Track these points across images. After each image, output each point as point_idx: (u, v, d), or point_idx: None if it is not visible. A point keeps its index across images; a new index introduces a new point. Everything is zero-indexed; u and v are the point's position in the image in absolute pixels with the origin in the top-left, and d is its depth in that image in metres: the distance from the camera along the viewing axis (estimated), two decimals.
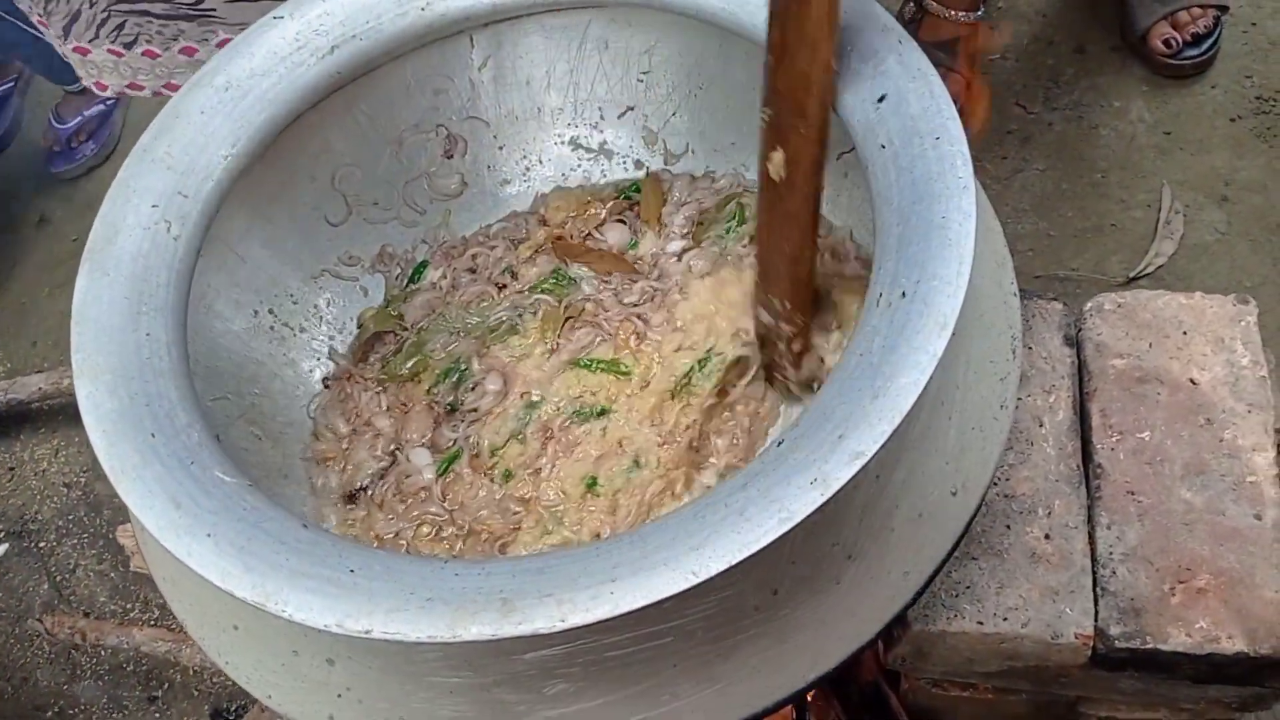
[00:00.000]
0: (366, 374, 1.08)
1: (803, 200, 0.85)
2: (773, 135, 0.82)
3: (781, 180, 0.83)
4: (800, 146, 0.82)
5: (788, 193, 0.84)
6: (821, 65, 0.78)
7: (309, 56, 0.94)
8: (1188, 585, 0.92)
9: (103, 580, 1.55)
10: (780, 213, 0.87)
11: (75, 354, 0.78)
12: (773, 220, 0.88)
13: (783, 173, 0.83)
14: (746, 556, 0.64)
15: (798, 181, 0.83)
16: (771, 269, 0.91)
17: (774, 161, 0.83)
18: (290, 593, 0.66)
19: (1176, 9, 1.66)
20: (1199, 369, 1.01)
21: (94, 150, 2.00)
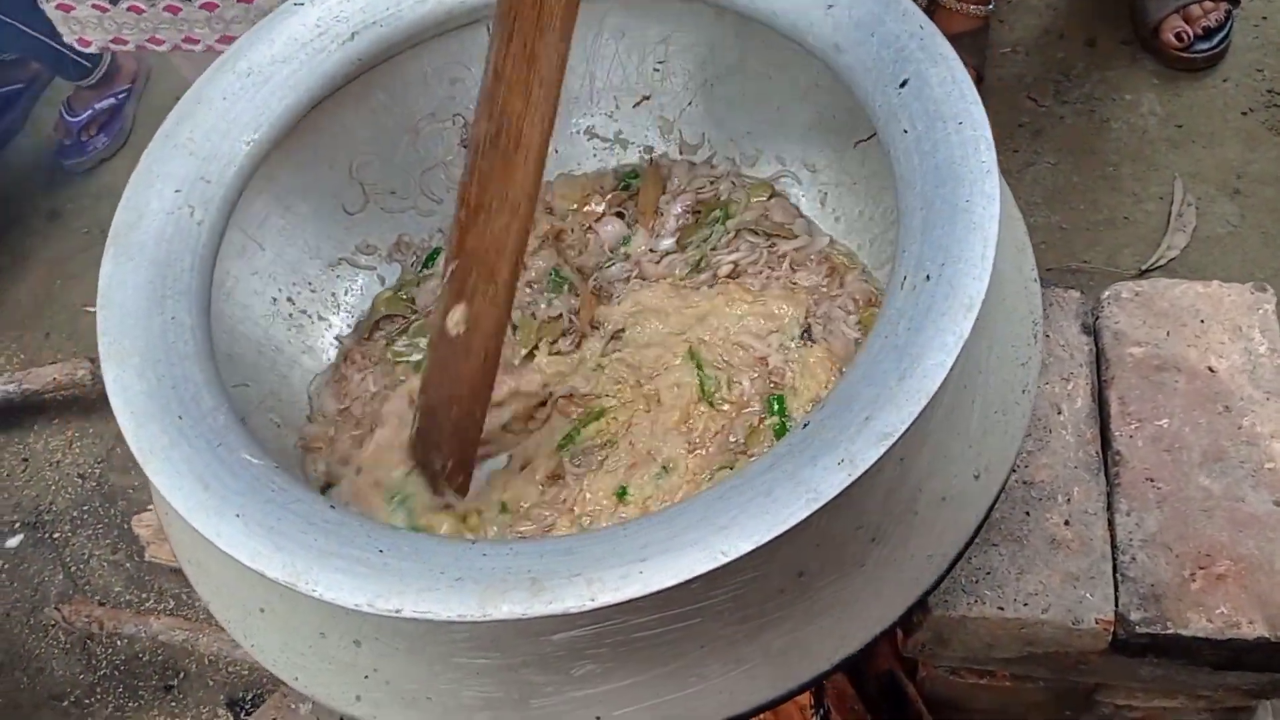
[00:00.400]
0: (370, 353, 1.08)
1: (478, 364, 0.81)
2: (455, 291, 0.78)
3: (458, 338, 0.79)
4: (484, 309, 0.78)
5: (463, 353, 0.80)
6: (519, 230, 0.76)
7: (330, 43, 0.94)
8: (1208, 571, 0.92)
9: (117, 570, 1.55)
10: (452, 373, 0.82)
11: (102, 337, 0.78)
12: (442, 380, 0.83)
13: (461, 329, 0.79)
14: (775, 536, 0.64)
15: (474, 345, 0.80)
16: (434, 427, 0.86)
17: (453, 318, 0.79)
18: (320, 572, 0.67)
19: (1188, 3, 1.66)
20: (1217, 357, 1.02)
21: (105, 143, 2.00)
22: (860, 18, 0.85)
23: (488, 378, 0.83)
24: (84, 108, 2.01)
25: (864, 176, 1.06)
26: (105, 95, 2.03)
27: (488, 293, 0.78)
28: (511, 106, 0.72)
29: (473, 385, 0.83)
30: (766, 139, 1.11)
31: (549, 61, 0.71)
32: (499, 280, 0.77)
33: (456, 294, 0.78)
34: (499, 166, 0.73)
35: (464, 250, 0.77)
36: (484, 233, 0.75)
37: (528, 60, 0.70)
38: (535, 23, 0.69)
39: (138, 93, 2.10)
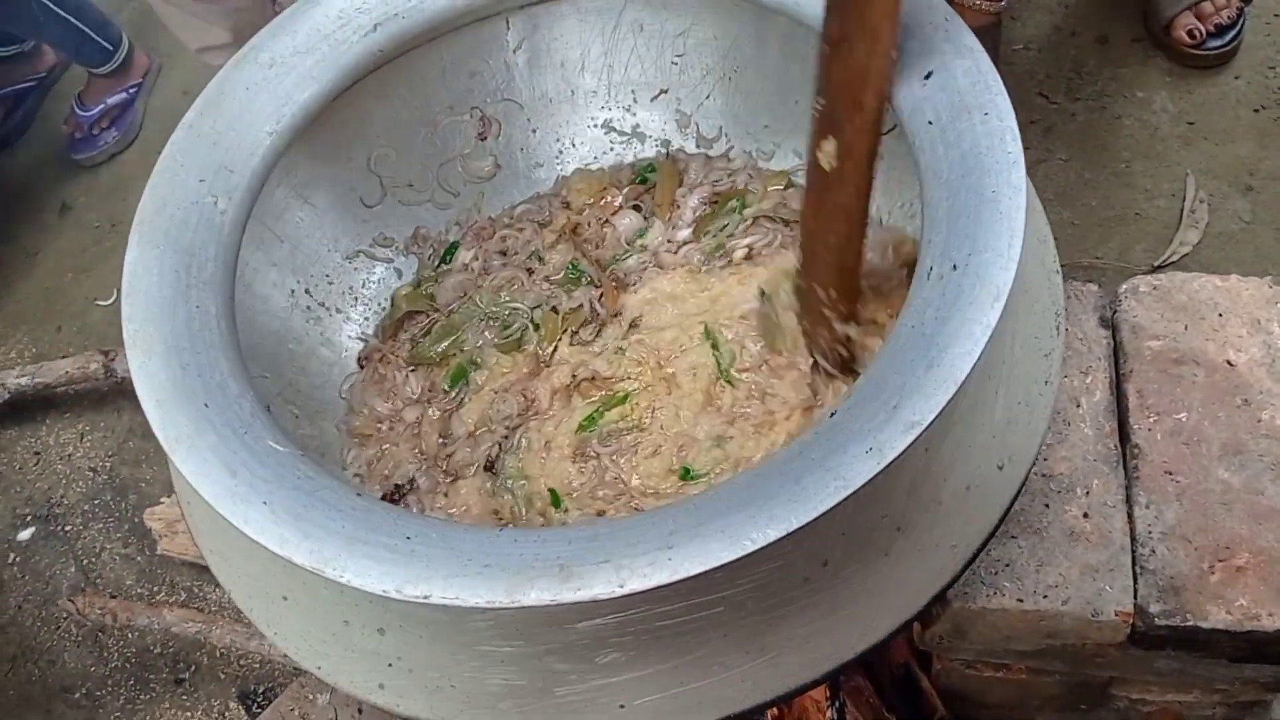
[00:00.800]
0: (397, 352, 1.09)
1: (854, 191, 0.83)
2: (825, 125, 0.81)
3: (832, 170, 0.82)
4: (854, 138, 0.80)
5: (838, 183, 0.83)
6: (881, 56, 0.77)
7: (352, 34, 0.94)
8: (1227, 564, 0.92)
9: (129, 564, 1.55)
10: (829, 203, 0.85)
11: (127, 325, 0.78)
12: (820, 210, 0.87)
13: (834, 162, 0.81)
14: (804, 524, 0.64)
15: (849, 173, 0.82)
16: (816, 258, 0.90)
17: (825, 151, 0.81)
18: (348, 559, 0.67)
19: (1200, 0, 1.66)
20: (1235, 350, 1.02)
21: (116, 137, 2.00)
22: None
23: (863, 203, 0.84)
24: (96, 102, 2.01)
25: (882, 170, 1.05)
26: (117, 90, 2.03)
27: (855, 121, 0.79)
28: None
29: (849, 212, 0.84)
30: (785, 132, 1.11)
31: None
32: (866, 108, 0.78)
33: (826, 128, 0.81)
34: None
35: (830, 82, 0.79)
36: (847, 64, 0.77)
37: None
38: None
39: (148, 88, 2.10)
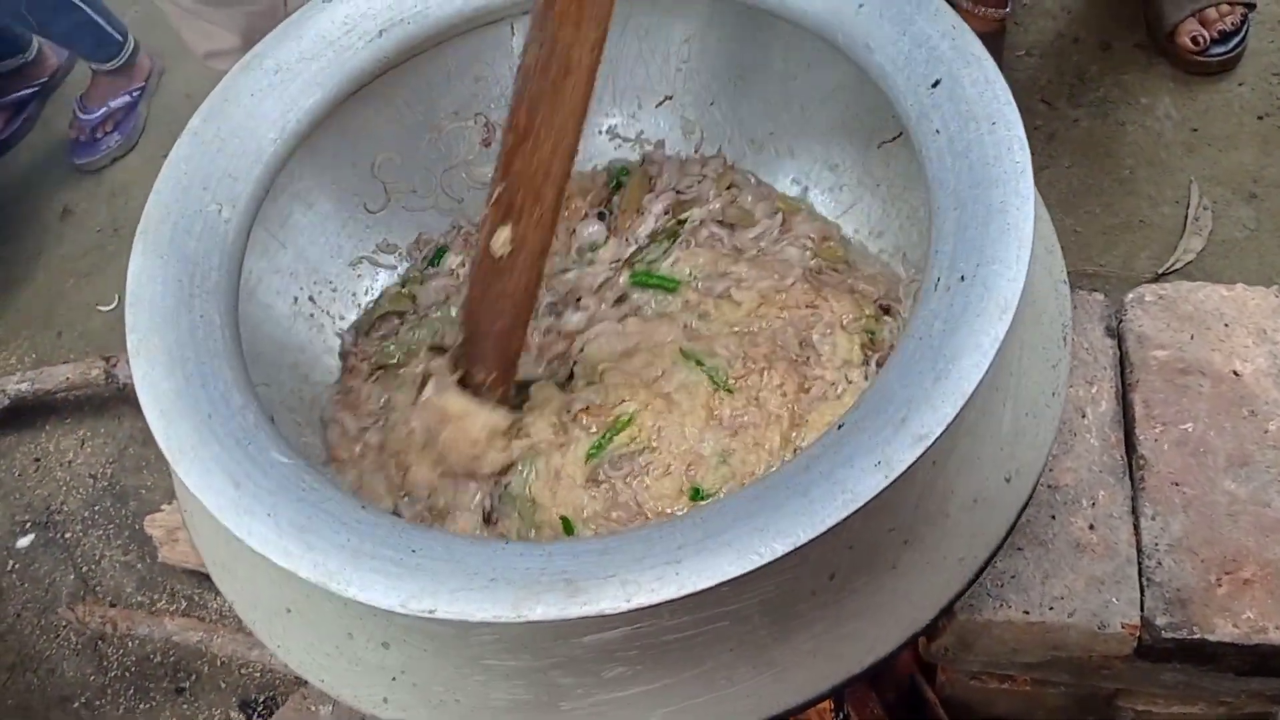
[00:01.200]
0: (367, 350, 1.07)
1: (523, 283, 0.85)
2: (501, 211, 0.82)
3: (503, 258, 0.83)
4: (529, 230, 0.82)
5: (508, 272, 0.84)
6: (566, 154, 0.80)
7: (357, 40, 0.94)
8: (1234, 576, 0.92)
9: (129, 571, 1.54)
10: (496, 289, 0.86)
11: (130, 334, 0.78)
12: (487, 296, 0.87)
13: (507, 250, 0.82)
14: (812, 538, 0.64)
15: (520, 264, 0.83)
16: (477, 345, 0.90)
17: (499, 238, 0.82)
18: (353, 572, 0.66)
19: (1204, 6, 1.66)
20: (1241, 360, 1.01)
21: (118, 140, 2.00)
22: (892, 17, 0.85)
23: (530, 294, 0.86)
24: (98, 104, 2.01)
25: (886, 178, 1.06)
26: (120, 92, 2.02)
27: (533, 214, 0.81)
28: (562, 35, 0.75)
29: (516, 301, 0.86)
30: (790, 139, 1.11)
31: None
32: (544, 202, 0.80)
33: (502, 216, 0.81)
34: (548, 93, 0.76)
35: (510, 173, 0.80)
36: (531, 157, 0.78)
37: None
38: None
39: (150, 92, 2.10)
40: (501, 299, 0.86)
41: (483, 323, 0.88)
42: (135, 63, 2.05)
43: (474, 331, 0.89)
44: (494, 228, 0.82)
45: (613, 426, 0.94)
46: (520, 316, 0.88)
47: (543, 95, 0.77)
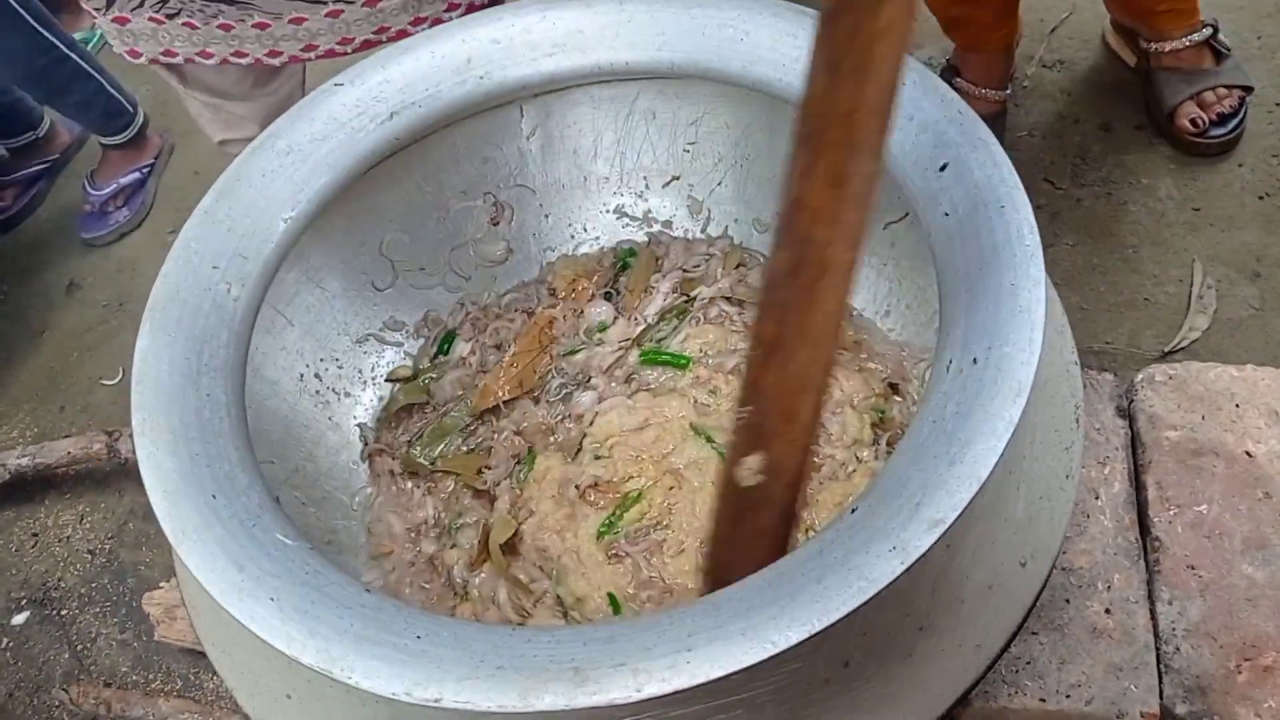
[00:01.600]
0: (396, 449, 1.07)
1: (778, 515, 0.73)
2: (750, 437, 0.71)
3: (756, 488, 0.71)
4: (785, 453, 0.71)
5: (763, 505, 0.72)
6: (823, 365, 0.69)
7: (368, 122, 0.95)
8: (1254, 663, 0.90)
9: (125, 650, 1.51)
10: (750, 526, 0.74)
11: (136, 413, 0.77)
12: (739, 535, 0.75)
13: (759, 480, 0.71)
14: (827, 625, 0.63)
15: (775, 494, 0.72)
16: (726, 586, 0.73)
17: (748, 466, 0.71)
18: (356, 659, 0.65)
19: (1202, 89, 1.68)
20: (1254, 441, 1.00)
21: (127, 216, 2.01)
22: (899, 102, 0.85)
23: (789, 530, 0.74)
24: (108, 181, 2.03)
25: (893, 258, 1.06)
26: (129, 169, 2.04)
27: (789, 435, 0.70)
28: (817, 234, 0.65)
29: (773, 540, 0.74)
30: None
31: (860, 181, 0.63)
32: (800, 421, 0.70)
33: (752, 440, 0.71)
34: (800, 298, 0.67)
35: (759, 391, 0.70)
36: (783, 371, 0.69)
37: (835, 183, 0.63)
38: (846, 142, 0.62)
39: (160, 169, 2.12)
40: (755, 538, 0.74)
41: (735, 565, 0.73)
42: (145, 138, 2.08)
43: (722, 576, 0.75)
44: (742, 454, 0.71)
45: (622, 503, 0.93)
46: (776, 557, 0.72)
47: (794, 302, 0.67)
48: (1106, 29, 1.86)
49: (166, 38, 1.21)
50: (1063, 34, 1.92)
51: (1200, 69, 1.68)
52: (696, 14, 0.94)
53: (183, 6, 1.17)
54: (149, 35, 1.21)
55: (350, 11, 1.21)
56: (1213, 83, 1.68)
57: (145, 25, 1.20)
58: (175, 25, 1.18)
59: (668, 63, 0.96)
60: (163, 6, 1.17)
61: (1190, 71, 1.68)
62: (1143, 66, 1.76)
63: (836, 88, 0.61)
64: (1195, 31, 1.66)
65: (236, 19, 1.19)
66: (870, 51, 0.60)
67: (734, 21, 0.94)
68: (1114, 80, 1.84)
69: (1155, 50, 1.70)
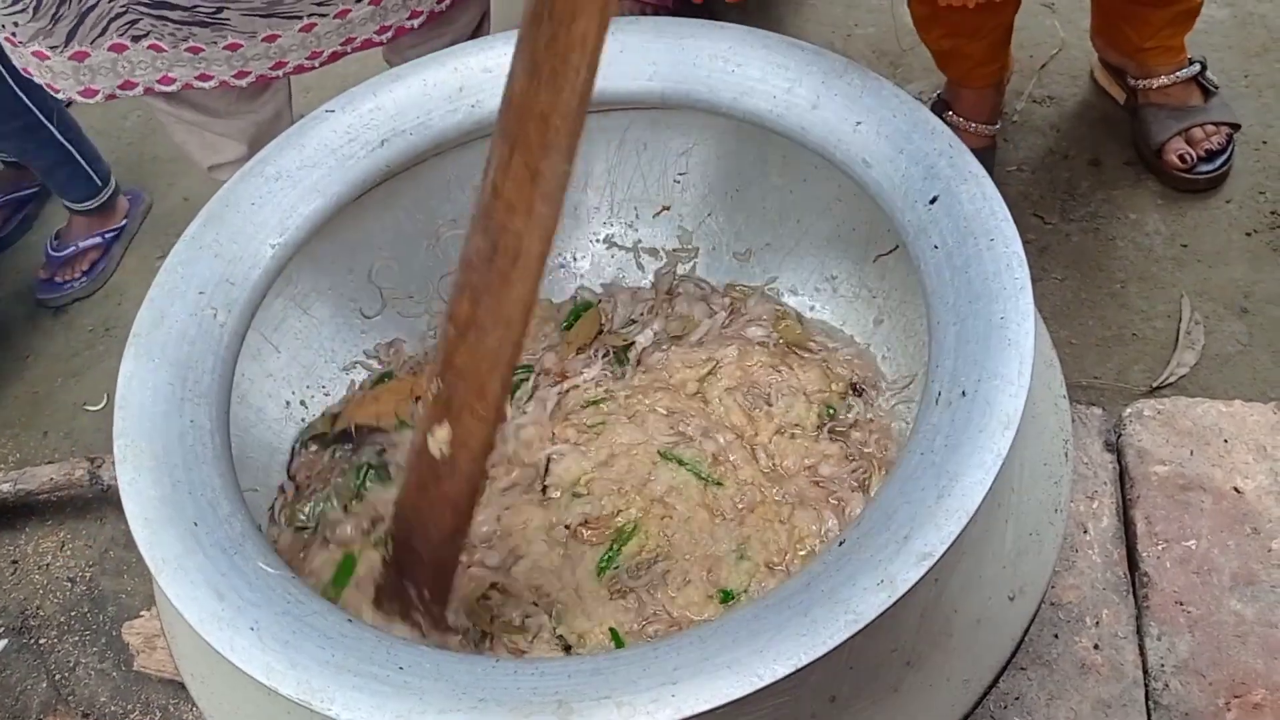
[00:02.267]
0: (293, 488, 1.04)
1: (464, 485, 0.77)
2: (440, 410, 0.75)
3: (443, 458, 0.76)
4: (473, 427, 0.75)
5: (448, 474, 0.76)
6: (513, 344, 0.73)
7: (359, 149, 0.95)
8: (1243, 700, 0.89)
9: (104, 680, 1.49)
10: (435, 494, 0.78)
11: (118, 439, 0.77)
12: (424, 500, 0.79)
13: (445, 450, 0.75)
14: (813, 659, 0.62)
15: (462, 464, 0.76)
16: (412, 552, 0.81)
17: (437, 437, 0.75)
18: (337, 690, 0.64)
19: (1191, 125, 1.69)
20: (1242, 477, 1.00)
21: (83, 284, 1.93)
22: (889, 134, 0.86)
23: (471, 500, 0.79)
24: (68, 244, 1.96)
25: (883, 290, 1.06)
26: (92, 233, 1.97)
27: (476, 410, 0.74)
28: (511, 224, 0.70)
29: (456, 508, 0.78)
30: (785, 251, 1.12)
31: (552, 179, 0.69)
32: (489, 397, 0.74)
33: (442, 413, 0.75)
34: (495, 282, 0.71)
35: (452, 367, 0.74)
36: (475, 349, 0.73)
37: (531, 178, 0.68)
38: (540, 143, 0.68)
39: (131, 231, 2.06)
40: (440, 504, 0.78)
41: (417, 531, 0.80)
42: (113, 206, 2.02)
43: (407, 540, 0.81)
44: (432, 425, 0.75)
45: (617, 537, 0.93)
46: (460, 524, 0.80)
47: (488, 286, 0.71)
48: (1095, 66, 1.87)
49: (127, 67, 1.18)
50: (1052, 69, 1.93)
51: (1188, 106, 1.70)
52: (689, 45, 0.95)
53: (152, 29, 1.15)
54: (107, 69, 1.18)
55: (322, 24, 1.20)
56: (1200, 119, 1.69)
57: (105, 57, 1.17)
58: (140, 49, 1.16)
59: (659, 92, 0.96)
60: (130, 29, 1.14)
61: (1178, 108, 1.70)
62: (1131, 103, 1.77)
63: (535, 90, 0.67)
64: (1183, 68, 1.68)
65: (208, 40, 1.17)
66: (566, 60, 0.66)
67: (725, 53, 0.94)
68: (1102, 116, 1.86)
69: (1144, 87, 1.71)
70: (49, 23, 1.12)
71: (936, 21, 1.60)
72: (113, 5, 1.12)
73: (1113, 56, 1.76)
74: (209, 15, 1.14)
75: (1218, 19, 1.96)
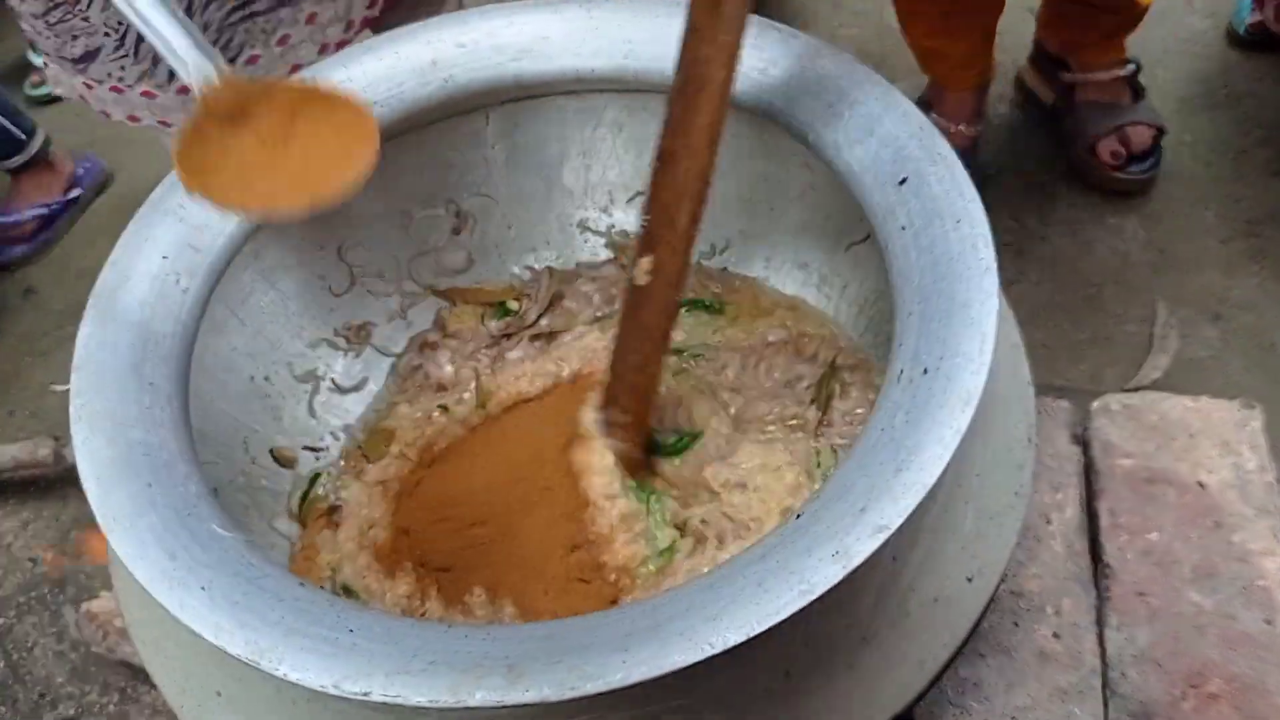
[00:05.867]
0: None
1: (660, 310, 0.84)
2: (645, 242, 0.83)
3: (643, 286, 0.83)
4: (666, 256, 0.82)
5: (645, 301, 0.84)
6: (699, 177, 0.79)
7: None
8: (1200, 690, 0.90)
9: (61, 661, 1.48)
10: (636, 321, 0.86)
11: (74, 399, 0.76)
12: (627, 329, 0.87)
13: (647, 279, 0.83)
14: (765, 629, 0.62)
15: (657, 291, 0.83)
16: (618, 376, 0.90)
17: (640, 267, 0.83)
18: (285, 651, 0.63)
19: (1123, 124, 1.71)
20: (1207, 472, 1.01)
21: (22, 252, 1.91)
22: (861, 117, 0.86)
23: (666, 324, 0.85)
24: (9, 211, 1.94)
25: (856, 279, 1.06)
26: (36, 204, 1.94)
27: (668, 239, 0.81)
28: (700, 52, 0.77)
29: (652, 332, 0.85)
30: (758, 238, 1.12)
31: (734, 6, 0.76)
32: (679, 227, 0.80)
33: (645, 245, 0.82)
34: (684, 112, 0.77)
35: (656, 201, 0.81)
36: (670, 180, 0.79)
37: (715, 6, 0.76)
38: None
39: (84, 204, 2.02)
40: (639, 331, 0.86)
41: (622, 356, 0.88)
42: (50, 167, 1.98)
43: (616, 367, 0.89)
44: (638, 256, 0.83)
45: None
46: (655, 350, 0.87)
47: (680, 116, 0.78)
48: (1024, 69, 1.89)
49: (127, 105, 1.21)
50: None
51: (1119, 103, 1.72)
52: (663, 23, 0.94)
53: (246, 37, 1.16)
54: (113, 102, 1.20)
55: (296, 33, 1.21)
56: (1131, 118, 1.72)
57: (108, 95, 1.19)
58: (238, 68, 1.17)
59: (633, 70, 0.96)
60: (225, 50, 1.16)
61: (1111, 105, 1.72)
62: (1060, 105, 1.79)
63: None
64: (1119, 66, 1.70)
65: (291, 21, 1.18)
66: None
67: None
68: None
69: (1081, 81, 1.73)
70: (150, 64, 1.15)
71: (919, 19, 1.61)
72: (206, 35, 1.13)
73: (1054, 46, 1.78)
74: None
75: (1199, 29, 1.98)
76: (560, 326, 1.11)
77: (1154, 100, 1.79)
